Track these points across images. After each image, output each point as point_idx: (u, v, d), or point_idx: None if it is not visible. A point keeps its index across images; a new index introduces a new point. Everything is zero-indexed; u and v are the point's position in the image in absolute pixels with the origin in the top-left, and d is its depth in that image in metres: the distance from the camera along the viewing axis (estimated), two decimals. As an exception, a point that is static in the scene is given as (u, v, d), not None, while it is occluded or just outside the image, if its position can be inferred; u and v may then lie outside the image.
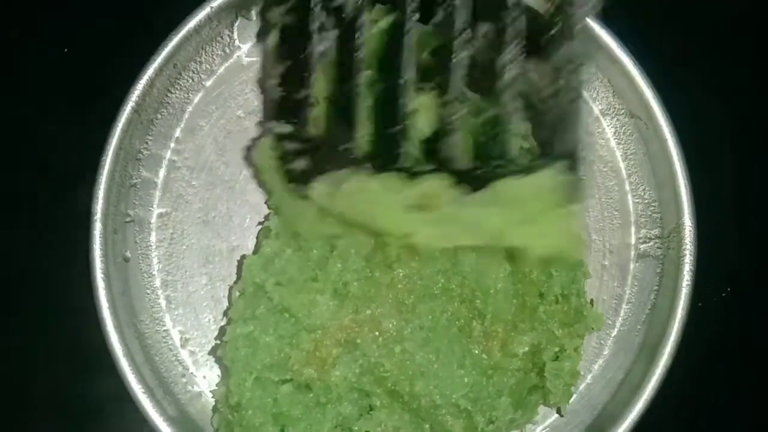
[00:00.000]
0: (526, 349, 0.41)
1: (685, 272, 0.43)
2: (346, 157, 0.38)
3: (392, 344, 0.40)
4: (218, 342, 0.44)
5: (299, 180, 0.39)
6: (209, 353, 0.45)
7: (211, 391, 0.44)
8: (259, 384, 0.41)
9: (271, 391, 0.41)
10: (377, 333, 0.40)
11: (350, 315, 0.41)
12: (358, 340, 0.40)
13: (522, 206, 0.37)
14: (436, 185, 0.37)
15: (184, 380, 0.45)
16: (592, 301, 0.46)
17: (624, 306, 0.46)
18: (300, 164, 0.39)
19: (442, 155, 0.38)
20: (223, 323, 0.45)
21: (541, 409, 0.45)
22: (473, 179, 0.37)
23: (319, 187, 0.38)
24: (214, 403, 0.44)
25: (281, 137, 0.40)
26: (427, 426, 0.42)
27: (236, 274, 0.45)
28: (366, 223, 0.38)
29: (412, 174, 0.37)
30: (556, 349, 0.42)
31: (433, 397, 0.40)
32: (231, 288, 0.45)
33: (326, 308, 0.41)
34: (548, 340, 0.42)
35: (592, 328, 0.44)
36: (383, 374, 0.40)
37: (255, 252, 0.45)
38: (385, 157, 0.38)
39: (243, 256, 0.45)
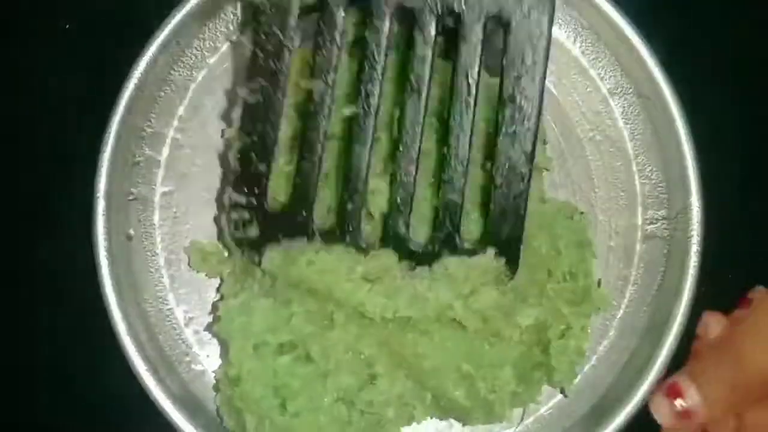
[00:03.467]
0: (531, 322, 0.41)
1: (692, 253, 0.43)
2: (301, 229, 0.40)
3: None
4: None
5: (251, 247, 0.41)
6: (212, 332, 0.45)
7: (213, 371, 0.44)
8: (258, 354, 0.41)
9: (270, 363, 0.41)
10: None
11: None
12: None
13: (465, 282, 0.40)
14: (388, 260, 0.40)
15: (188, 359, 0.45)
16: (599, 281, 0.45)
17: (630, 287, 0.46)
18: (253, 232, 0.40)
19: (398, 234, 0.40)
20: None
21: (546, 390, 0.44)
22: (423, 255, 0.40)
23: (272, 257, 0.40)
24: (215, 382, 0.44)
25: (236, 206, 0.40)
26: (430, 395, 0.42)
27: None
28: (318, 291, 0.41)
29: (365, 248, 0.40)
30: (563, 327, 0.42)
31: (435, 360, 0.41)
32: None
33: None
34: (555, 318, 0.42)
35: (599, 309, 0.44)
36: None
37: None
38: (341, 232, 0.40)
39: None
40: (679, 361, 0.42)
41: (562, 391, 0.45)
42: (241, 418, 0.41)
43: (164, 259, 0.45)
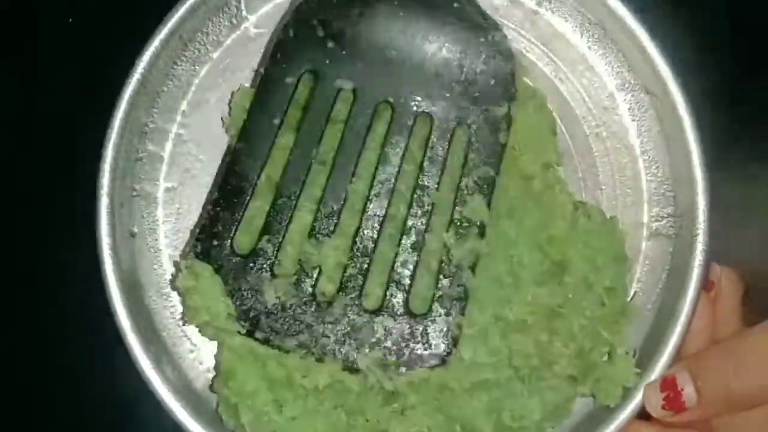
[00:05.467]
0: (569, 372, 0.41)
1: (697, 252, 0.43)
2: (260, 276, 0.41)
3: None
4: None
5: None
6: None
7: (214, 368, 0.44)
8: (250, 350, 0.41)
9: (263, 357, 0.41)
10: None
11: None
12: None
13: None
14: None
15: (192, 356, 0.44)
16: (634, 294, 0.45)
17: (635, 285, 0.45)
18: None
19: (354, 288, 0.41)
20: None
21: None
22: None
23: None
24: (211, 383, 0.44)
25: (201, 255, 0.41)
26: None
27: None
28: None
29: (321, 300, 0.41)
30: (606, 349, 0.42)
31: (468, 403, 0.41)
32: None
33: None
34: (595, 341, 0.42)
35: (631, 322, 0.43)
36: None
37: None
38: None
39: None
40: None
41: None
42: (238, 415, 0.41)
43: (168, 256, 0.45)
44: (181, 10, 0.43)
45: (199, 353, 0.45)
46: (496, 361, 0.41)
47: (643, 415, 0.42)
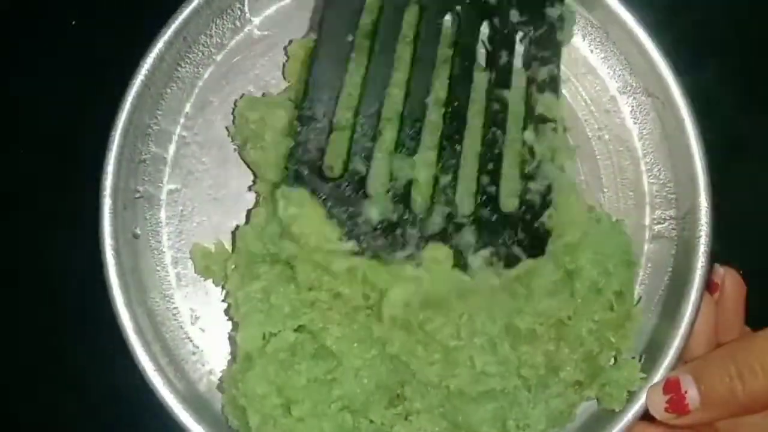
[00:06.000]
0: (576, 377, 0.42)
1: (700, 254, 0.43)
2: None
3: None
4: (228, 319, 0.44)
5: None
6: (219, 330, 0.44)
7: (220, 371, 0.44)
8: (266, 350, 0.41)
9: (276, 359, 0.41)
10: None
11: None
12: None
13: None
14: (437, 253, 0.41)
15: (195, 358, 0.44)
16: (640, 298, 0.45)
17: (637, 287, 0.45)
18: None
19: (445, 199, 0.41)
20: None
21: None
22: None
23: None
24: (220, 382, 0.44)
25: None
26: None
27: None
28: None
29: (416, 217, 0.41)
30: (612, 353, 0.42)
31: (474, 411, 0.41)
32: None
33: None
34: (602, 345, 0.42)
35: (635, 325, 0.43)
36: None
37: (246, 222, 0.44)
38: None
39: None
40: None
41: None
42: (244, 417, 0.41)
43: (171, 257, 0.45)
44: (185, 13, 0.43)
45: (202, 355, 0.44)
46: (504, 370, 0.41)
47: (646, 416, 0.42)
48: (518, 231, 0.41)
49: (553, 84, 0.43)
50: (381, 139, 0.41)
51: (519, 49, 0.43)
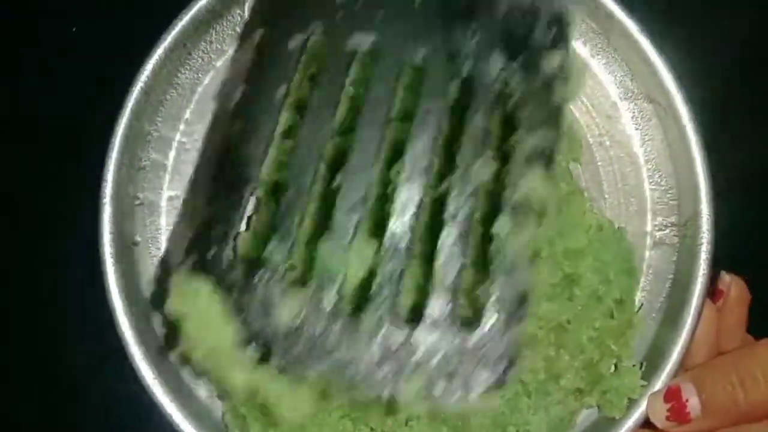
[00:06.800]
0: (576, 384, 0.41)
1: (701, 261, 0.43)
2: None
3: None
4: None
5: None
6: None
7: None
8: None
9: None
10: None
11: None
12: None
13: None
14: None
15: (195, 365, 0.44)
16: (641, 305, 0.45)
17: (638, 294, 0.45)
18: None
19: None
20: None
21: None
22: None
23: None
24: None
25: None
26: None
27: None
28: None
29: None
30: (613, 361, 0.42)
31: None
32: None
33: None
34: (602, 353, 0.41)
35: (636, 333, 0.43)
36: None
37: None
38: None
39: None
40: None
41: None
42: (245, 425, 0.41)
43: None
44: (185, 19, 0.43)
45: (202, 362, 0.44)
46: None
47: (647, 424, 0.42)
48: (474, 350, 0.32)
49: (543, 158, 0.33)
50: (310, 217, 0.33)
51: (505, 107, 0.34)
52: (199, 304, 0.32)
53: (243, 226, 0.33)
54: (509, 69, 0.33)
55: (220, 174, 0.34)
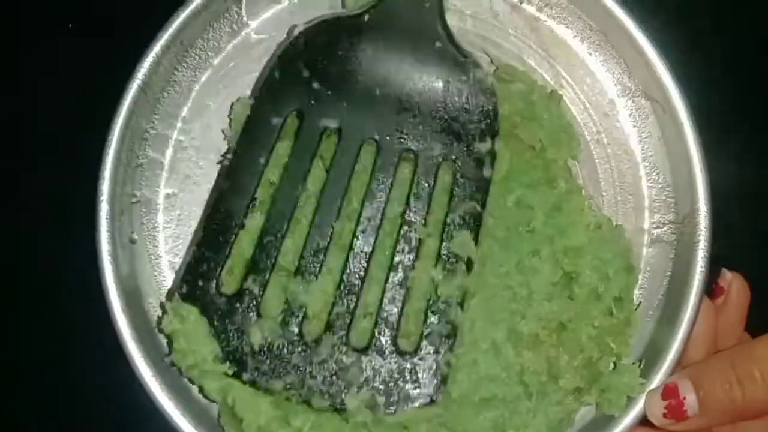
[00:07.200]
0: (576, 384, 0.41)
1: (699, 258, 0.43)
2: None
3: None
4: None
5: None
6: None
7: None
8: None
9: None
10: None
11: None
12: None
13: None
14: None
15: (192, 363, 0.44)
16: (639, 303, 0.45)
17: (636, 292, 0.45)
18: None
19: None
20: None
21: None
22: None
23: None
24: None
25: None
26: None
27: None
28: None
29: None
30: (612, 359, 0.42)
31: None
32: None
33: None
34: (601, 351, 0.42)
35: (635, 331, 0.43)
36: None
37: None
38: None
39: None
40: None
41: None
42: (241, 428, 0.41)
43: (168, 262, 0.45)
44: (182, 16, 0.43)
45: (200, 360, 0.44)
46: (506, 376, 0.41)
47: (645, 422, 0.42)
48: (411, 373, 0.40)
49: (472, 223, 0.41)
50: (282, 259, 0.41)
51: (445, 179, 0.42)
52: (188, 325, 0.40)
53: (227, 264, 0.41)
54: (449, 149, 0.42)
55: (208, 223, 0.41)
